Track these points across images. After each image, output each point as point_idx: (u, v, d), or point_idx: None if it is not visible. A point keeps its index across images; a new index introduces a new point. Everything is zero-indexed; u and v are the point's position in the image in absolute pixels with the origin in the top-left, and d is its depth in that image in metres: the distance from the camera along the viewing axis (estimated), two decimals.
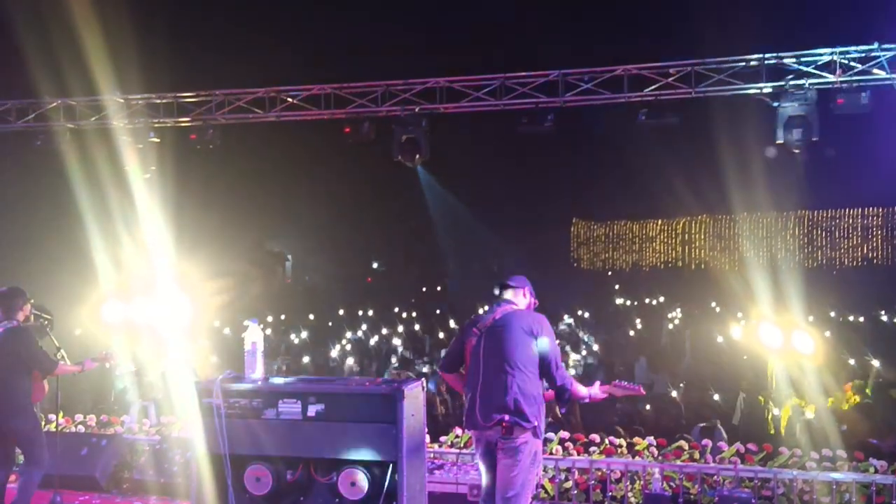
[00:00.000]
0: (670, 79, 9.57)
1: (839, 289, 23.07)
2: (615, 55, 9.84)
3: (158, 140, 11.25)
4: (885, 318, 20.79)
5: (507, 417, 4.33)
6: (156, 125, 11.12)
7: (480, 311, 4.96)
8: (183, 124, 11.12)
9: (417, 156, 10.32)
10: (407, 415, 3.57)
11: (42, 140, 10.97)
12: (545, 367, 4.57)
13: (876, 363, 11.70)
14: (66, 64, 10.61)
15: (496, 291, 4.85)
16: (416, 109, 10.21)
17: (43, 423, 8.27)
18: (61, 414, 8.41)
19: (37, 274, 12.79)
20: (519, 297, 4.85)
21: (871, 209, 29.91)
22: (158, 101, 11.08)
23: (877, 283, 24.76)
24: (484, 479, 4.39)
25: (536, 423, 4.45)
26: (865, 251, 30.82)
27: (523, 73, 10.01)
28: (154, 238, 12.16)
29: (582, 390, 4.79)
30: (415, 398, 3.71)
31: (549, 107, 9.94)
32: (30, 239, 13.96)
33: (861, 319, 20.06)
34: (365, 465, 3.58)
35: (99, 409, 9.22)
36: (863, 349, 13.42)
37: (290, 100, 10.74)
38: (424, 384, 3.86)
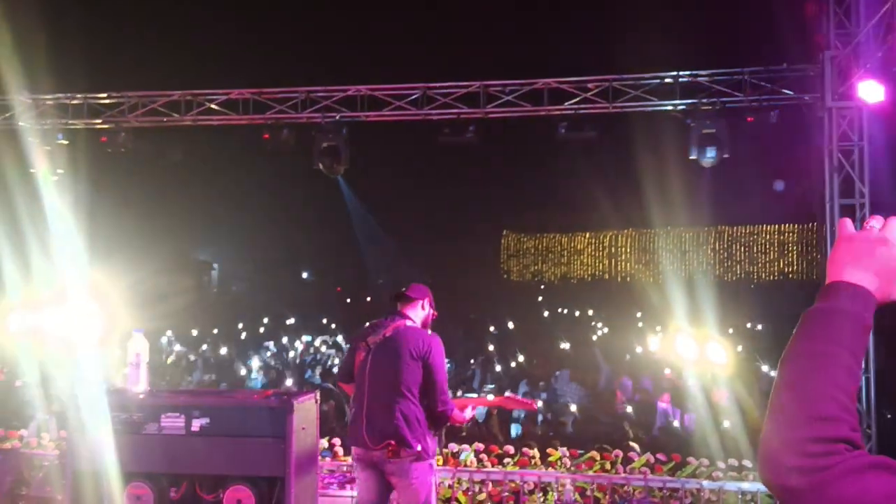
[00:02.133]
0: (589, 93, 9.69)
1: (757, 302, 23.80)
2: (536, 68, 9.91)
3: (68, 142, 10.82)
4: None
5: (392, 442, 4.30)
6: (66, 127, 10.71)
7: (373, 321, 4.76)
8: (95, 126, 10.73)
9: (337, 164, 10.18)
10: (297, 428, 3.45)
11: None
12: (430, 391, 4.49)
13: (766, 368, 12.14)
14: None
15: (395, 301, 4.74)
16: (337, 117, 10.08)
17: None
18: None
19: None
20: (416, 310, 4.73)
21: (786, 225, 31.00)
22: (69, 101, 10.68)
23: (792, 296, 25.65)
24: (361, 496, 4.31)
25: (421, 448, 4.41)
26: (782, 266, 31.93)
27: (445, 84, 10.00)
28: (64, 244, 11.70)
29: (464, 415, 4.75)
30: (306, 411, 3.59)
31: (471, 118, 9.94)
32: None
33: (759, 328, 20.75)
34: (252, 481, 3.44)
35: None
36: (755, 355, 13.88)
37: (207, 104, 10.48)
38: (318, 397, 3.74)
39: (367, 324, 4.75)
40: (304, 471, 3.53)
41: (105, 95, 10.66)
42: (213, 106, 10.51)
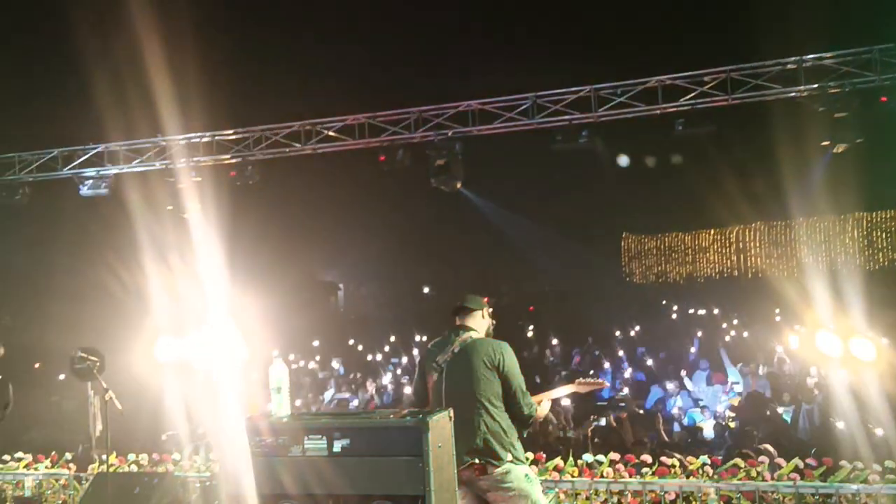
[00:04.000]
0: (705, 87, 9.39)
1: None
2: (646, 67, 9.70)
3: (200, 179, 11.46)
4: None
5: (477, 461, 4.28)
6: (197, 164, 11.35)
7: (437, 339, 4.71)
8: (223, 162, 11.32)
9: (453, 180, 10.30)
10: (433, 446, 3.49)
11: (87, 186, 11.27)
12: (510, 398, 4.44)
13: None
14: (108, 109, 10.91)
15: (453, 315, 4.68)
16: (449, 133, 10.21)
17: (97, 463, 8.44)
18: (114, 455, 8.56)
19: (90, 317, 13.09)
20: (477, 320, 4.67)
21: None
22: (199, 140, 11.31)
23: None
24: None
25: (511, 458, 4.36)
26: None
27: (555, 91, 9.95)
28: (205, 274, 12.36)
29: (544, 409, 4.68)
30: (441, 429, 3.62)
31: (583, 122, 9.84)
32: (82, 282, 14.33)
33: None
34: (393, 499, 3.51)
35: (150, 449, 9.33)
36: None
37: (325, 131, 10.86)
38: (451, 414, 3.77)
39: (431, 343, 4.71)
40: (443, 488, 3.56)
41: (231, 132, 11.24)
42: (330, 133, 10.87)
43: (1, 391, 5.74)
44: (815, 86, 9.13)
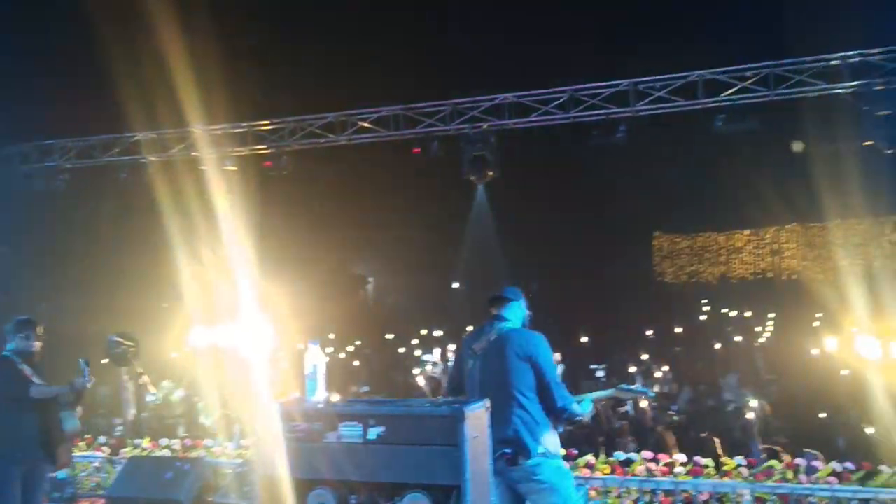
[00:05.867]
0: (747, 82, 9.23)
1: None
2: (686, 61, 9.56)
3: (235, 168, 11.53)
4: None
5: (508, 451, 4.24)
6: (233, 153, 11.42)
7: (475, 328, 4.71)
8: (259, 152, 11.38)
9: (488, 172, 10.25)
10: (469, 437, 3.45)
11: (127, 173, 11.40)
12: (543, 389, 4.39)
13: None
14: (144, 99, 11.01)
15: (490, 306, 4.66)
16: (485, 126, 10.16)
17: (130, 447, 8.54)
18: (147, 439, 8.66)
19: (127, 302, 13.24)
20: (514, 311, 4.65)
21: None
22: (234, 130, 11.37)
23: None
24: None
25: (544, 450, 4.33)
26: None
27: (593, 84, 9.85)
28: (237, 263, 12.45)
29: (586, 409, 4.64)
30: (477, 419, 3.58)
31: (621, 117, 9.72)
32: (118, 269, 14.51)
33: None
34: (428, 489, 3.47)
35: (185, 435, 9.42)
36: None
37: (360, 123, 10.86)
38: (488, 403, 3.73)
39: (469, 330, 4.73)
40: (479, 479, 3.52)
41: (267, 122, 11.30)
42: (365, 124, 10.87)
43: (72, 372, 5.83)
44: (859, 83, 8.93)
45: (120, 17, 10.50)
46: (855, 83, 8.93)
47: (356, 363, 17.28)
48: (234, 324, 10.92)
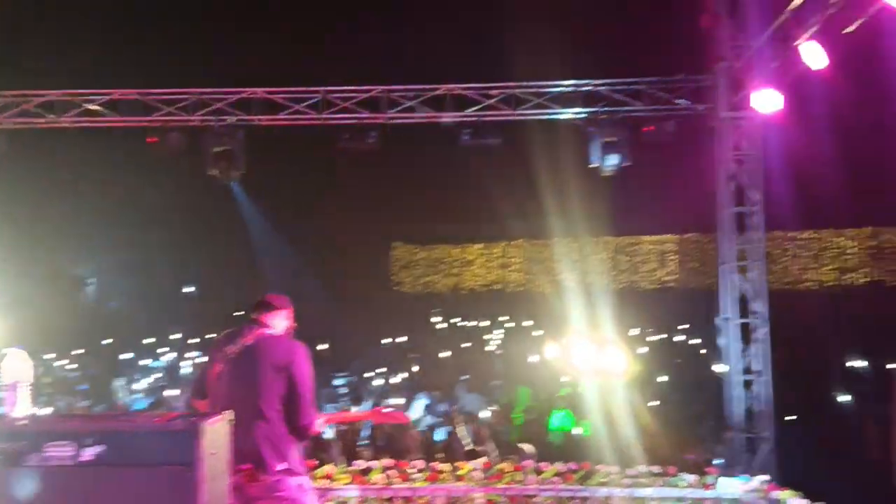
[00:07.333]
0: (492, 100, 9.64)
1: (640, 310, 24.45)
2: (438, 74, 9.79)
3: None
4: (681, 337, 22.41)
5: (250, 465, 3.95)
6: None
7: (230, 330, 4.37)
8: None
9: (233, 170, 9.70)
10: (206, 454, 3.08)
11: None
12: (293, 403, 4.13)
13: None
14: None
15: (252, 311, 4.36)
16: (232, 120, 9.61)
17: None
18: None
19: None
20: (277, 320, 4.37)
21: (666, 236, 32.10)
22: None
23: (672, 305, 26.53)
24: None
25: (286, 467, 4.08)
26: (662, 276, 33.06)
27: (346, 88, 9.72)
28: None
29: (320, 424, 4.46)
30: (217, 434, 3.23)
31: (373, 123, 9.69)
32: None
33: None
34: None
35: None
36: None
37: (87, 105, 9.77)
38: (231, 415, 3.38)
39: (224, 333, 4.37)
40: (216, 501, 3.17)
41: None
42: (93, 107, 9.82)
43: None
44: (589, 110, 9.69)
45: None
46: (586, 109, 9.66)
47: (75, 372, 15.62)
48: None
